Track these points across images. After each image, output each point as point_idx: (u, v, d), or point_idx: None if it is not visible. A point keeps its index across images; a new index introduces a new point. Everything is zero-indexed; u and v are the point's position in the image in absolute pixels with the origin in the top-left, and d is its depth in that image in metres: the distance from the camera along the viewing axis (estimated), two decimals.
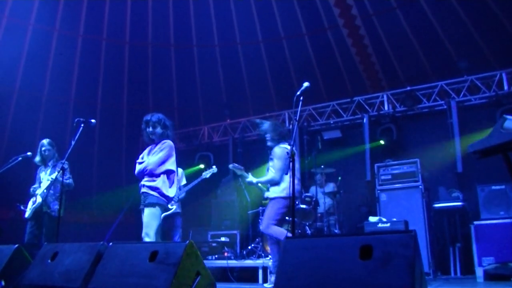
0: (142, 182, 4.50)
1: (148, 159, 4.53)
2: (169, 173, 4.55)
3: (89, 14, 11.00)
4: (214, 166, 6.96)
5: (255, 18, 11.24)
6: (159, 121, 4.62)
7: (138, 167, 4.57)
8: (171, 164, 4.56)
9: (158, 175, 4.46)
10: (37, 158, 6.02)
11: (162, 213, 4.58)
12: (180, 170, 6.87)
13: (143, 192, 4.47)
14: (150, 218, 4.35)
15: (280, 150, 5.31)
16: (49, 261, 3.72)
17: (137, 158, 4.69)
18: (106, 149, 11.96)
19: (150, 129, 4.59)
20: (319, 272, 2.50)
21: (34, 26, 10.54)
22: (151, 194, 4.39)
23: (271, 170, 5.37)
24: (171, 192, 4.54)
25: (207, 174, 6.81)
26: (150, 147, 4.72)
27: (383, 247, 2.39)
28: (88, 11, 10.97)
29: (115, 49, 11.53)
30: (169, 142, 4.59)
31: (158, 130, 4.60)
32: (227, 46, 11.67)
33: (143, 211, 4.42)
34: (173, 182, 4.62)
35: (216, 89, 12.06)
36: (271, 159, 5.42)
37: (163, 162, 4.48)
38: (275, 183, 5.33)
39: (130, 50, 11.68)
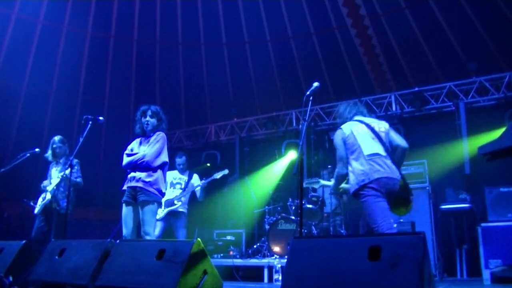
0: (136, 176, 4.39)
1: (146, 150, 4.43)
2: (164, 166, 4.54)
3: (98, 12, 11.05)
4: (226, 170, 6.78)
5: (263, 17, 11.23)
6: (157, 112, 4.61)
7: (127, 159, 4.48)
8: (165, 156, 4.55)
9: (155, 169, 4.41)
10: (49, 154, 6.04)
11: (158, 209, 4.59)
12: (196, 176, 6.81)
13: (137, 187, 4.36)
14: (150, 216, 4.33)
15: (335, 135, 4.25)
16: (57, 257, 3.73)
17: (125, 150, 4.62)
18: (113, 146, 11.97)
19: (147, 118, 4.55)
20: (327, 272, 2.50)
21: (43, 23, 10.59)
22: (149, 191, 4.33)
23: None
24: (164, 187, 4.54)
25: (218, 175, 6.69)
26: (140, 139, 4.66)
27: (392, 248, 2.39)
28: (96, 9, 11.02)
29: (123, 46, 11.56)
30: (163, 134, 4.57)
31: (154, 121, 4.57)
32: (235, 45, 11.67)
33: (137, 207, 4.38)
34: (166, 177, 4.65)
35: (223, 87, 12.07)
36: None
37: (159, 154, 4.45)
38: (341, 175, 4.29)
39: (138, 48, 11.71)
